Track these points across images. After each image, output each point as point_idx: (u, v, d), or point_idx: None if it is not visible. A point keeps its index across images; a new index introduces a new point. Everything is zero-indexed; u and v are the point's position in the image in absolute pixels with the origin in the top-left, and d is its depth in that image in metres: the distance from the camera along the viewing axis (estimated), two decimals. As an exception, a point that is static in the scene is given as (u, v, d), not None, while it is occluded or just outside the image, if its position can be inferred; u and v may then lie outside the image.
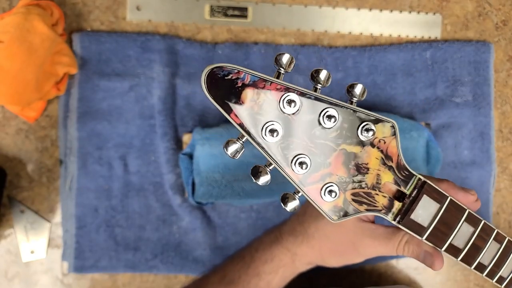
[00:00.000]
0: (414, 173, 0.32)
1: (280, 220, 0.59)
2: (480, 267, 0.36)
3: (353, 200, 0.31)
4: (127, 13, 0.56)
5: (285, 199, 0.29)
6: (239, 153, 0.28)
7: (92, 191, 0.55)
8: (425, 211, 0.33)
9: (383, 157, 0.30)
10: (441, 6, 0.61)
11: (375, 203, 0.31)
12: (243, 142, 0.27)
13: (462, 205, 0.34)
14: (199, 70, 0.57)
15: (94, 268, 0.56)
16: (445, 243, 0.34)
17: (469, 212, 0.34)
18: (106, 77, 0.55)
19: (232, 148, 0.27)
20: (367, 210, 0.31)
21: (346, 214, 0.31)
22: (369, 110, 0.29)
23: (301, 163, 0.28)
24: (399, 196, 0.32)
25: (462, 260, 0.35)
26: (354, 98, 0.29)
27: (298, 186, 0.29)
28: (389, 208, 0.32)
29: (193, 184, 0.54)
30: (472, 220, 0.34)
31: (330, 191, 0.29)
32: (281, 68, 0.28)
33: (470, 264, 0.36)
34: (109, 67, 0.56)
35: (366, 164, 0.30)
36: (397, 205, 0.32)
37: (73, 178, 0.55)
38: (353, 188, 0.30)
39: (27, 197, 0.56)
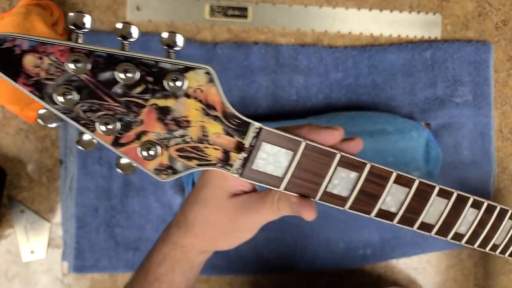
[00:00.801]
0: (249, 120, 0.29)
1: (279, 220, 0.59)
2: (387, 215, 0.33)
3: (180, 156, 0.29)
4: (127, 13, 0.56)
5: (119, 166, 0.28)
6: (56, 123, 0.26)
7: (92, 191, 0.55)
8: (273, 159, 0.30)
9: (204, 107, 0.28)
10: (441, 6, 0.61)
11: (207, 157, 0.29)
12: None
13: (329, 149, 0.30)
14: (199, 70, 0.57)
15: (94, 268, 0.56)
16: (319, 192, 0.31)
17: (341, 156, 0.30)
18: (106, 77, 0.55)
19: (43, 118, 0.26)
20: (199, 165, 0.29)
21: (175, 172, 0.29)
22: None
23: (106, 124, 0.26)
24: (241, 147, 0.29)
25: (353, 209, 0.32)
26: (174, 49, 0.27)
27: (112, 148, 0.27)
28: (225, 160, 0.29)
29: (193, 184, 0.54)
30: (351, 165, 0.31)
31: (148, 149, 0.27)
32: (79, 30, 0.26)
33: (368, 213, 0.32)
34: (109, 67, 0.56)
35: (185, 117, 0.28)
36: (235, 156, 0.29)
37: (73, 178, 0.55)
38: (176, 144, 0.28)
39: (27, 197, 0.56)
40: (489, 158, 0.61)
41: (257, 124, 0.29)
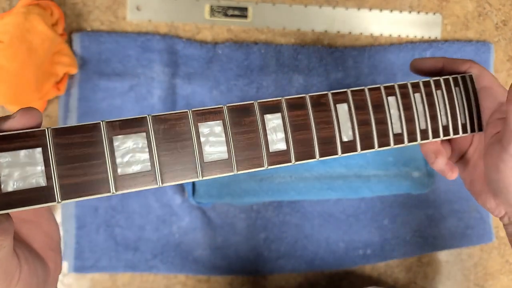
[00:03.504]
0: None
1: (279, 220, 0.59)
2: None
3: None
4: (127, 13, 0.56)
5: None
6: None
7: (92, 191, 0.55)
8: None
9: None
10: (441, 6, 0.61)
11: None
12: None
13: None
14: (199, 70, 0.57)
15: (94, 268, 0.56)
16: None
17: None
18: (106, 77, 0.55)
19: None
20: None
21: None
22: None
23: None
24: None
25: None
26: None
27: None
28: None
29: (193, 184, 0.54)
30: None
31: None
32: None
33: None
34: (109, 67, 0.56)
35: None
36: None
37: (73, 178, 0.55)
38: None
39: (27, 197, 0.56)
40: (489, 158, 0.61)
41: None
